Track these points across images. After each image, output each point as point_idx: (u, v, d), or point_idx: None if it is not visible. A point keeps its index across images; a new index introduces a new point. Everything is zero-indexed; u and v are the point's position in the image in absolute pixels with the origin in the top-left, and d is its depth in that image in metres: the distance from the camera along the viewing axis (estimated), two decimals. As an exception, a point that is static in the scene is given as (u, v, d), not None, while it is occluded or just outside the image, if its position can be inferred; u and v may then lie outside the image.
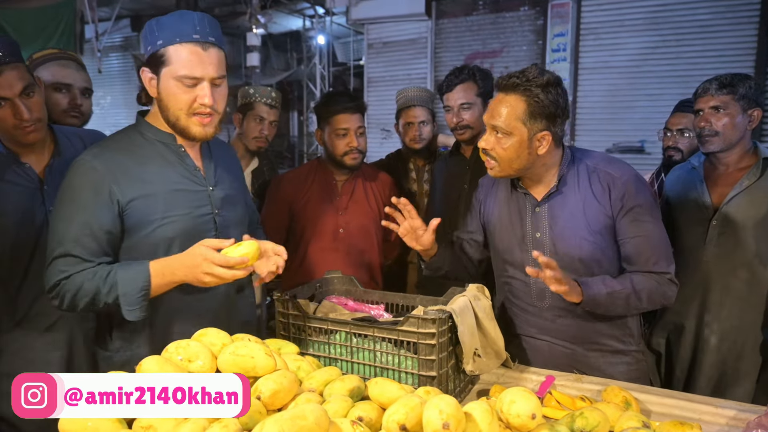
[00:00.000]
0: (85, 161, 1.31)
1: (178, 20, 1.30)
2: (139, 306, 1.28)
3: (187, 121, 1.34)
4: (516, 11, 6.81)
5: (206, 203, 1.43)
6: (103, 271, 1.28)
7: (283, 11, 9.69)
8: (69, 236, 1.28)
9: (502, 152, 1.44)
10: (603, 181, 1.47)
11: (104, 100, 12.47)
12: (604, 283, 1.43)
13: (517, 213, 1.58)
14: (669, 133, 2.32)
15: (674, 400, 1.37)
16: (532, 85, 1.40)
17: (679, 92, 5.62)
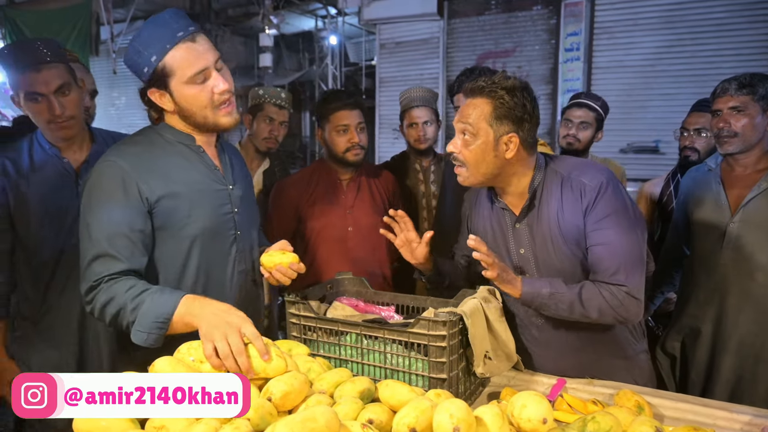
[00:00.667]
0: (112, 161, 1.31)
1: (157, 28, 1.28)
2: (147, 331, 1.20)
3: (215, 116, 1.36)
4: (529, 10, 6.77)
5: (227, 202, 1.44)
6: (140, 287, 1.23)
7: (296, 12, 9.72)
8: (103, 237, 1.26)
9: (468, 155, 1.43)
10: (575, 190, 1.43)
11: (119, 101, 12.61)
12: (550, 284, 1.40)
13: (500, 229, 1.56)
14: (686, 132, 2.29)
15: (688, 404, 1.35)
16: (497, 88, 1.40)
17: (694, 92, 5.55)
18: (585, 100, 2.50)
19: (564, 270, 1.47)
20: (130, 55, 1.32)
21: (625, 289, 1.38)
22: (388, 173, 2.36)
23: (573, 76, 6.53)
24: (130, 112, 12.58)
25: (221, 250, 1.43)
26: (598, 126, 2.48)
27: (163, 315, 1.18)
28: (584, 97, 2.55)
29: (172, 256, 1.36)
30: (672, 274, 2.19)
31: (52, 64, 1.63)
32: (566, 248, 1.45)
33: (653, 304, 2.35)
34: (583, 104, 2.48)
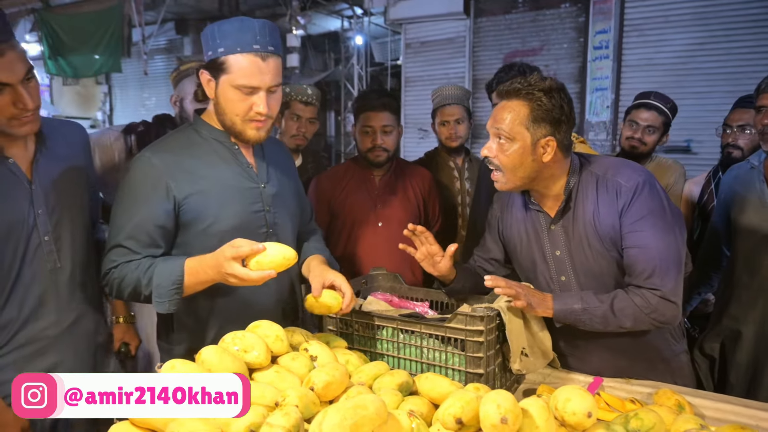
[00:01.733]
0: (145, 158, 1.37)
1: (239, 29, 1.31)
2: (169, 299, 1.30)
3: (243, 126, 1.38)
4: (557, 8, 6.70)
5: (258, 200, 1.47)
6: (147, 263, 1.33)
7: (322, 12, 9.80)
8: (124, 229, 1.34)
9: (505, 159, 1.40)
10: (610, 190, 1.41)
11: (149, 101, 12.88)
12: (582, 299, 1.39)
13: (534, 232, 1.54)
14: (728, 129, 2.23)
15: (729, 405, 1.33)
16: (534, 90, 1.37)
17: (728, 90, 5.42)
18: (654, 101, 2.33)
19: (601, 271, 1.45)
20: (207, 33, 1.36)
21: (660, 293, 1.35)
22: (425, 171, 2.37)
23: (602, 74, 6.43)
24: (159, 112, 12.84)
25: None
26: (665, 130, 2.34)
27: (176, 282, 1.29)
28: (653, 97, 2.35)
29: (202, 252, 1.36)
30: (710, 275, 2.14)
31: (10, 43, 1.27)
32: (603, 249, 1.43)
33: (690, 305, 2.30)
34: (651, 106, 2.32)
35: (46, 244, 1.39)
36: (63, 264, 1.43)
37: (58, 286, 1.43)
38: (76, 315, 1.47)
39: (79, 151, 1.54)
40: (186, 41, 11.27)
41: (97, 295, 1.58)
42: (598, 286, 1.45)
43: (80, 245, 1.48)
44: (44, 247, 1.39)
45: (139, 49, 9.42)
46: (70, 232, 1.45)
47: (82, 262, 1.48)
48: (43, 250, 1.39)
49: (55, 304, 1.43)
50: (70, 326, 1.46)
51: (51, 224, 1.40)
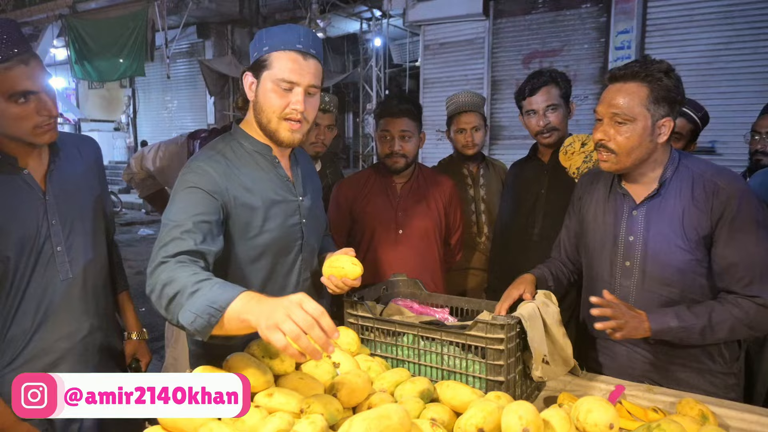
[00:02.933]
0: (200, 166, 1.36)
1: (285, 31, 1.38)
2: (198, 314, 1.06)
3: (278, 125, 1.39)
4: (577, 8, 6.65)
5: (296, 213, 1.48)
6: (203, 275, 1.14)
7: (341, 15, 9.86)
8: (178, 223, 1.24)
9: (623, 141, 1.40)
10: (707, 190, 1.40)
11: (171, 104, 13.10)
12: (676, 315, 1.37)
13: (613, 214, 1.54)
14: (757, 135, 2.20)
15: (755, 415, 1.31)
16: (654, 71, 1.38)
17: (755, 90, 5.33)
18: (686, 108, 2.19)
19: (673, 266, 1.44)
20: (255, 39, 1.42)
21: (760, 301, 1.35)
22: (447, 179, 2.36)
23: (671, 65, 6.36)
24: (180, 115, 13.04)
25: (287, 260, 1.48)
26: (692, 138, 2.24)
27: (219, 302, 1.05)
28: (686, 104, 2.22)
29: (240, 263, 1.40)
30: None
31: (33, 52, 1.30)
32: (684, 245, 1.42)
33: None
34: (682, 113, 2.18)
35: (58, 254, 1.39)
36: (75, 275, 1.43)
37: (70, 297, 1.42)
38: (90, 327, 1.47)
39: (92, 163, 1.56)
40: (207, 45, 11.45)
41: (111, 308, 1.58)
42: (665, 279, 1.45)
43: (93, 257, 1.48)
44: (57, 258, 1.39)
45: (162, 53, 9.59)
46: (82, 244, 1.45)
47: (95, 274, 1.48)
48: (56, 261, 1.39)
49: (68, 316, 1.42)
50: (84, 339, 1.46)
51: (64, 235, 1.40)
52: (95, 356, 1.49)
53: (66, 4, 10.05)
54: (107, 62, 9.64)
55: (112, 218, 1.66)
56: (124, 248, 8.22)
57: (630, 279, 1.51)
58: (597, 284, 1.58)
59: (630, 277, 1.51)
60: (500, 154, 6.62)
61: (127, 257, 7.39)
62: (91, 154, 1.58)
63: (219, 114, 11.41)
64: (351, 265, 1.40)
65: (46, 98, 1.31)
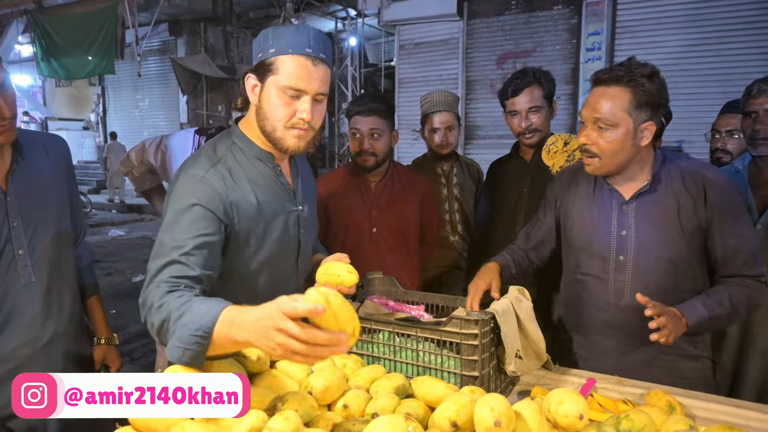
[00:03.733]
0: (201, 177, 1.27)
1: (294, 32, 1.29)
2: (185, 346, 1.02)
3: (284, 133, 1.31)
4: (549, 10, 6.76)
5: (296, 224, 1.44)
6: (188, 296, 1.11)
7: (316, 14, 9.82)
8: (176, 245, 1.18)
9: (605, 146, 1.43)
10: (698, 182, 1.46)
11: (143, 103, 12.86)
12: (704, 305, 1.41)
13: (602, 209, 1.56)
14: (717, 134, 2.27)
15: (720, 405, 1.35)
16: (637, 75, 1.39)
17: (719, 91, 5.49)
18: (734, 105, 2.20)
19: (668, 258, 1.48)
20: (260, 37, 1.33)
21: (765, 279, 1.44)
22: (422, 178, 2.37)
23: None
24: (152, 114, 12.82)
25: (286, 270, 1.45)
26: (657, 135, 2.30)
27: (203, 327, 0.99)
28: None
29: (240, 275, 1.35)
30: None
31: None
32: (680, 237, 1.47)
33: (679, 306, 2.34)
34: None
35: (20, 258, 1.33)
36: (38, 279, 1.37)
37: (32, 302, 1.36)
38: (53, 333, 1.41)
39: (60, 163, 1.49)
40: (180, 42, 11.28)
41: (78, 313, 1.52)
42: (660, 271, 1.49)
43: (59, 260, 1.42)
44: (18, 261, 1.33)
45: (133, 50, 9.41)
46: (48, 246, 1.39)
47: (60, 277, 1.43)
48: (17, 264, 1.33)
49: (30, 322, 1.36)
50: (46, 345, 1.39)
51: (27, 237, 1.34)
52: (59, 363, 1.43)
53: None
54: (75, 59, 9.42)
55: (82, 219, 1.60)
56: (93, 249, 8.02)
57: (624, 273, 1.53)
58: (588, 280, 1.60)
59: (624, 271, 1.53)
60: (475, 154, 6.68)
61: (97, 258, 7.21)
62: (59, 153, 1.51)
63: (192, 113, 11.25)
64: (347, 273, 1.35)
65: None
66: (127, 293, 5.73)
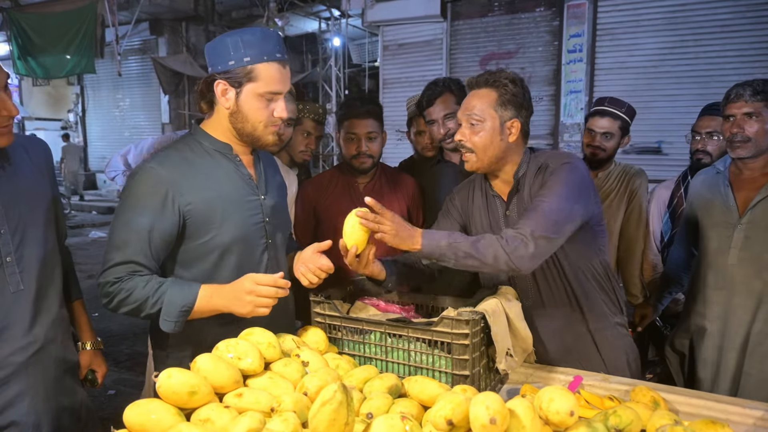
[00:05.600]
0: (151, 168, 1.36)
1: (263, 39, 1.38)
2: (176, 320, 1.33)
3: (264, 131, 1.43)
4: (531, 12, 6.84)
5: (258, 212, 1.49)
6: (156, 283, 1.33)
7: (299, 14, 9.79)
8: (131, 243, 1.33)
9: (477, 140, 1.56)
10: (543, 172, 1.59)
11: (123, 103, 12.67)
12: (449, 235, 1.44)
13: (493, 217, 1.68)
14: (698, 136, 2.33)
15: (702, 400, 1.39)
16: (501, 78, 1.56)
17: (697, 93, 5.62)
18: (608, 107, 2.40)
19: None
20: (219, 45, 1.38)
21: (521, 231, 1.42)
22: (409, 178, 2.39)
23: (576, 77, 6.60)
24: (133, 114, 12.64)
25: (253, 258, 1.48)
26: (624, 132, 2.41)
27: (187, 305, 1.32)
28: (607, 104, 2.42)
29: (203, 263, 1.41)
30: (680, 274, 2.23)
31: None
32: None
33: (661, 304, 2.39)
34: (606, 113, 2.39)
35: (8, 265, 1.32)
36: (27, 286, 1.36)
37: (22, 309, 1.35)
38: (44, 340, 1.40)
39: (43, 168, 1.48)
40: (161, 42, 11.14)
41: (65, 318, 1.52)
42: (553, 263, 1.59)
43: (45, 266, 1.41)
44: (6, 269, 1.32)
45: (113, 49, 9.26)
46: (34, 253, 1.38)
47: (47, 283, 1.42)
48: (5, 272, 1.31)
49: (20, 329, 1.35)
50: (38, 352, 1.39)
51: (14, 244, 1.33)
52: (50, 369, 1.43)
53: (7, -4, 9.58)
54: (53, 58, 9.23)
55: (64, 223, 1.59)
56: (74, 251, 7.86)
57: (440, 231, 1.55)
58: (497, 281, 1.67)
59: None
60: (459, 154, 6.71)
61: (78, 260, 7.08)
62: (41, 156, 1.49)
63: (174, 113, 11.12)
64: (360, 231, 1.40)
65: (5, 97, 1.25)
66: (110, 296, 5.65)
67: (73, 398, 1.51)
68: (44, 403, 1.40)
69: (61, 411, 1.45)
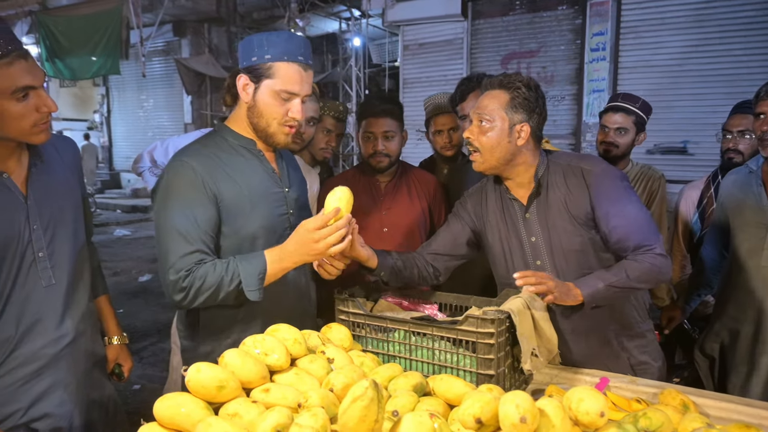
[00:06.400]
0: (184, 161, 1.42)
1: (287, 40, 1.44)
2: (257, 288, 1.38)
3: (277, 129, 1.48)
4: (554, 10, 6.76)
5: (283, 203, 1.55)
6: (222, 264, 1.37)
7: (320, 14, 9.84)
8: (188, 233, 1.36)
9: (484, 140, 1.55)
10: (578, 175, 1.57)
11: (147, 103, 12.87)
12: (598, 277, 1.48)
13: (511, 220, 1.66)
14: (729, 135, 2.28)
15: (732, 404, 1.36)
16: (515, 81, 1.55)
17: (723, 92, 5.49)
18: (622, 103, 2.39)
19: (575, 251, 1.58)
20: (249, 43, 1.45)
21: (658, 251, 1.49)
22: (431, 177, 2.39)
23: (599, 76, 6.50)
24: (157, 114, 12.84)
25: None
26: (639, 128, 2.39)
27: (261, 271, 1.37)
28: (621, 99, 2.42)
29: (232, 253, 1.44)
30: (710, 276, 2.19)
31: (26, 49, 1.27)
32: (576, 230, 1.56)
33: (689, 306, 2.35)
34: (619, 108, 2.37)
35: (40, 260, 1.35)
36: (58, 281, 1.39)
37: (53, 303, 1.39)
38: (75, 333, 1.44)
39: (71, 164, 1.52)
40: (184, 43, 11.30)
41: (93, 313, 1.55)
42: (573, 265, 1.58)
43: (75, 261, 1.44)
44: (39, 264, 1.35)
45: (137, 51, 9.43)
46: (64, 248, 1.41)
47: (77, 278, 1.45)
48: (38, 267, 1.35)
49: (52, 322, 1.38)
50: (69, 345, 1.42)
51: (46, 240, 1.36)
52: (81, 362, 1.46)
53: (36, 0, 9.82)
54: (80, 60, 9.44)
55: (91, 220, 1.63)
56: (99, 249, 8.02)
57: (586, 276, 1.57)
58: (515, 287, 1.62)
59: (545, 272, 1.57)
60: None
61: (103, 258, 7.22)
62: (70, 154, 1.53)
63: (196, 113, 11.27)
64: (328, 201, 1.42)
65: (45, 94, 1.28)
66: (134, 293, 5.76)
67: (102, 391, 1.54)
68: (75, 396, 1.43)
69: (90, 404, 1.48)
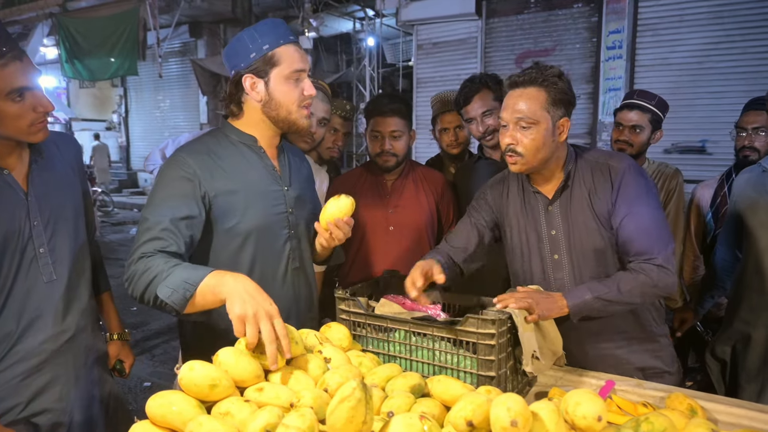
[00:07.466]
0: (181, 157, 1.42)
1: (273, 26, 1.44)
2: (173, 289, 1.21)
3: (298, 113, 1.47)
4: (569, 8, 6.68)
5: (281, 202, 1.52)
6: (175, 260, 1.28)
7: (334, 14, 9.86)
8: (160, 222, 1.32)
9: (529, 143, 1.49)
10: (604, 172, 1.53)
11: (164, 104, 13.04)
12: (589, 289, 1.45)
13: (531, 212, 1.63)
14: (743, 132, 2.23)
15: (743, 409, 1.32)
16: (549, 75, 1.49)
17: (743, 90, 5.37)
18: (637, 100, 2.33)
19: (595, 249, 1.55)
20: (236, 45, 1.44)
21: (658, 262, 1.44)
22: (439, 175, 2.38)
23: (615, 74, 6.41)
24: (173, 115, 12.99)
25: (275, 248, 1.51)
26: (655, 126, 2.32)
27: (193, 279, 1.20)
28: (636, 96, 2.36)
29: (225, 250, 1.44)
30: (723, 278, 2.14)
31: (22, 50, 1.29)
32: (598, 227, 1.52)
33: (702, 308, 2.30)
34: (634, 105, 2.32)
35: (41, 256, 1.36)
36: (59, 276, 1.40)
37: (54, 299, 1.40)
38: (75, 329, 1.45)
39: (72, 161, 1.54)
40: (200, 44, 11.41)
41: (94, 309, 1.56)
42: (590, 262, 1.55)
43: (76, 257, 1.45)
44: (40, 259, 1.36)
45: (154, 52, 9.54)
46: (65, 244, 1.42)
47: (78, 274, 1.46)
48: (39, 263, 1.36)
49: (53, 318, 1.39)
50: (69, 341, 1.43)
51: (46, 236, 1.38)
52: (81, 358, 1.47)
53: (56, 2, 9.98)
54: (98, 61, 9.57)
55: (93, 217, 1.64)
56: (115, 248, 8.16)
57: (562, 271, 1.59)
58: (531, 280, 1.64)
59: (561, 269, 1.59)
60: (493, 153, 6.63)
61: (120, 257, 7.34)
62: (71, 151, 1.56)
63: (212, 113, 11.37)
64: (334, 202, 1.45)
65: (41, 94, 1.31)
66: (148, 291, 5.80)
67: (103, 387, 1.55)
68: (75, 391, 1.45)
69: (91, 399, 1.49)
